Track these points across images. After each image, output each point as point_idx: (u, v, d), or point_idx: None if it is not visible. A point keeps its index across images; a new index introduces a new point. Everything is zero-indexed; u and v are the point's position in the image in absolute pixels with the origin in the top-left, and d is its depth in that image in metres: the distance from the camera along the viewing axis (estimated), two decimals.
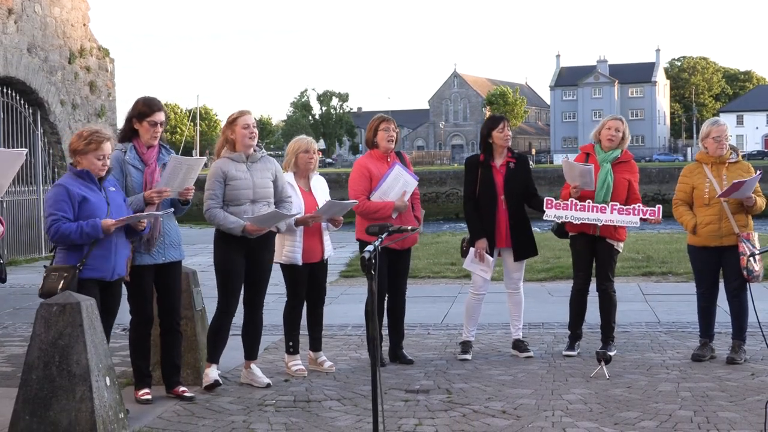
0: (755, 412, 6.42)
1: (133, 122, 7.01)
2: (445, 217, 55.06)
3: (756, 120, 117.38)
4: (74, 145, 6.48)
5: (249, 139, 7.36)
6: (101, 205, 6.44)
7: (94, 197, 6.42)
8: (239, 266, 7.36)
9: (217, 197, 7.27)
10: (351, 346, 9.14)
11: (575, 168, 8.24)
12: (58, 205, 6.33)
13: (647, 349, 8.73)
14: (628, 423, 6.31)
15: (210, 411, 6.82)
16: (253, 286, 7.51)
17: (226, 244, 7.34)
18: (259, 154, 7.50)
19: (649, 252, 16.17)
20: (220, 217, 7.25)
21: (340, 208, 7.80)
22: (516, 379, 7.62)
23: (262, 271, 7.52)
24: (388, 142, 8.20)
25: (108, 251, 6.46)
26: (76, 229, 6.28)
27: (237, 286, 7.41)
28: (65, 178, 6.52)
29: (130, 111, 7.04)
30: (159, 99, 7.14)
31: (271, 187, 7.49)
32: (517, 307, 8.62)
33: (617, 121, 8.51)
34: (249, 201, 7.33)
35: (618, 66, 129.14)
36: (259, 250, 7.43)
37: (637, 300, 11.69)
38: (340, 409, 6.81)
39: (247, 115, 7.42)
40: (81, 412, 5.51)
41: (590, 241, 8.40)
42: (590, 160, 8.43)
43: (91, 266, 6.40)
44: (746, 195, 7.87)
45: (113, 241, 6.47)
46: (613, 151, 8.40)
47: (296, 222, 7.74)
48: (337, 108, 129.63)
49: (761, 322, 6.55)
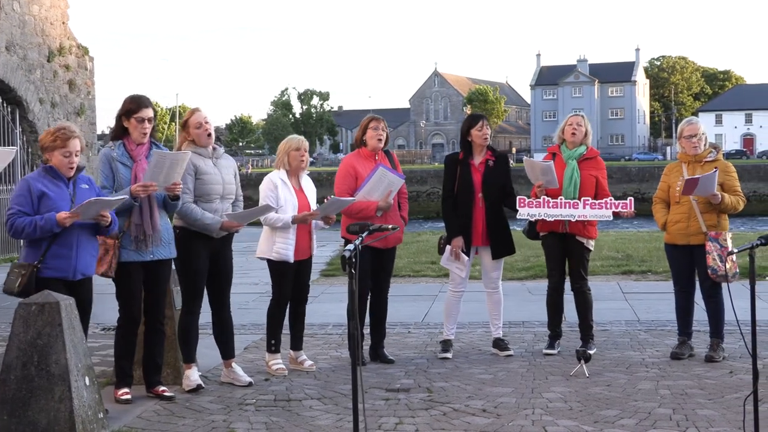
0: (734, 409, 6.46)
1: (122, 120, 7.00)
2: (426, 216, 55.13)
3: (734, 119, 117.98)
4: (43, 141, 6.46)
5: (205, 137, 7.35)
6: (63, 200, 6.35)
7: (56, 193, 6.34)
8: (203, 265, 7.33)
9: (191, 191, 7.22)
10: (332, 345, 9.14)
11: (536, 166, 8.30)
12: (18, 199, 6.30)
13: (627, 347, 8.77)
14: (607, 421, 6.33)
15: (190, 410, 6.80)
16: (218, 285, 7.49)
17: (189, 242, 7.28)
18: (221, 150, 7.50)
19: (629, 251, 16.25)
20: (197, 213, 7.19)
21: (339, 205, 7.83)
22: (496, 378, 7.64)
23: (226, 269, 7.52)
24: (377, 142, 8.23)
25: (68, 250, 6.36)
26: (30, 223, 6.20)
27: (202, 285, 7.38)
28: (33, 173, 6.50)
29: (119, 109, 7.04)
30: (147, 96, 7.13)
31: (234, 184, 7.50)
32: (496, 306, 8.64)
33: (578, 117, 8.63)
34: (219, 197, 7.32)
35: (598, 65, 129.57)
36: (221, 249, 7.43)
37: (616, 298, 11.74)
38: (320, 408, 6.80)
39: (198, 113, 7.39)
40: (60, 412, 5.49)
41: (561, 240, 8.44)
42: (557, 159, 8.49)
43: (51, 265, 6.32)
44: (709, 192, 7.90)
45: (74, 239, 6.37)
46: (578, 148, 8.46)
47: (294, 219, 7.75)
48: (317, 107, 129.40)
49: (739, 320, 6.58)
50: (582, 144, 8.50)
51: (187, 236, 7.28)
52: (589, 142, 8.58)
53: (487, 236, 8.43)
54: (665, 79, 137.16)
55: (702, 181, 7.79)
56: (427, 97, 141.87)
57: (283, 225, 7.74)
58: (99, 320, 7.25)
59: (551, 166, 8.21)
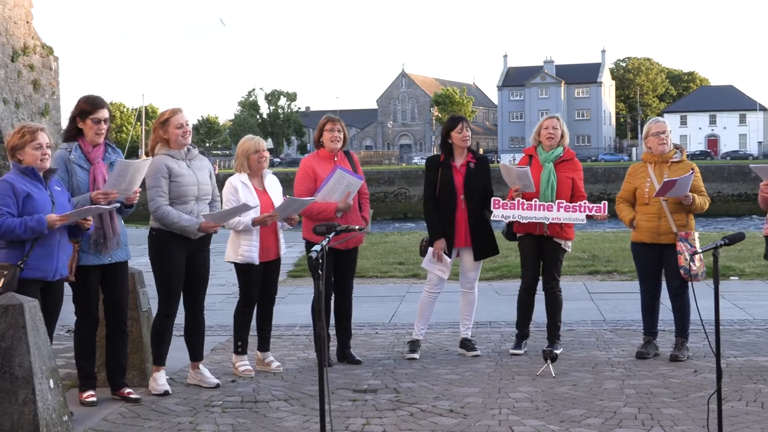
0: (698, 408, 6.52)
1: (76, 121, 6.92)
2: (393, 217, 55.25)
3: (699, 120, 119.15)
4: (11, 142, 6.41)
5: (183, 138, 7.28)
6: (46, 202, 6.35)
7: (38, 194, 6.33)
8: (180, 267, 7.29)
9: (165, 194, 7.16)
10: (299, 346, 9.12)
11: (513, 171, 8.33)
12: (3, 200, 6.24)
13: (593, 347, 8.83)
14: (573, 420, 6.37)
15: (156, 412, 6.75)
16: (193, 288, 7.45)
17: (165, 244, 7.24)
18: (195, 151, 7.45)
19: (595, 251, 16.35)
20: (173, 215, 7.14)
21: (298, 206, 7.81)
22: (463, 378, 7.66)
23: (203, 271, 7.48)
24: (333, 143, 8.20)
25: (51, 250, 6.37)
26: (20, 224, 6.18)
27: (178, 288, 7.34)
28: (10, 174, 6.43)
29: (73, 110, 6.96)
30: (102, 97, 7.06)
31: (209, 185, 7.45)
32: (469, 307, 8.67)
33: (553, 120, 8.63)
34: (194, 198, 7.27)
35: (564, 66, 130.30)
36: (198, 251, 7.39)
37: (582, 298, 11.81)
38: (287, 410, 6.79)
39: (180, 113, 7.33)
40: (24, 415, 5.44)
41: (537, 241, 8.48)
42: (533, 162, 8.52)
43: (33, 266, 6.30)
44: (683, 194, 7.97)
45: (56, 240, 6.38)
46: (555, 150, 8.49)
47: (254, 221, 7.72)
48: (285, 107, 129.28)
49: (703, 319, 6.64)
50: (559, 145, 8.53)
51: (163, 238, 7.23)
52: (566, 143, 8.60)
53: (469, 237, 8.45)
54: (631, 80, 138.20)
55: (679, 183, 7.85)
56: (395, 97, 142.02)
57: (244, 228, 7.71)
58: (64, 322, 7.19)
59: (527, 172, 8.23)
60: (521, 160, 8.78)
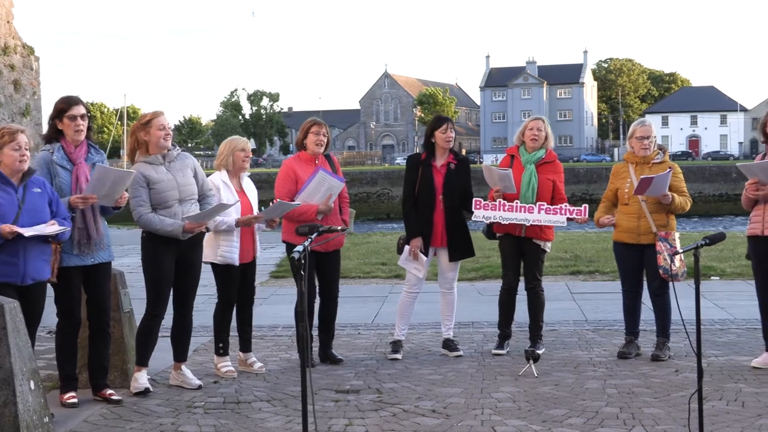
0: (679, 407, 6.55)
1: (55, 123, 6.89)
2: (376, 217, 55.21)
3: (680, 121, 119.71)
4: None
5: (164, 140, 7.25)
6: (8, 207, 6.27)
7: (3, 198, 6.25)
8: (169, 269, 7.28)
9: (146, 202, 7.14)
10: (281, 346, 9.11)
11: (494, 173, 8.35)
12: None
13: (575, 347, 8.85)
14: (555, 420, 6.38)
15: (138, 414, 6.73)
16: (183, 288, 7.43)
17: (155, 246, 7.24)
18: (175, 152, 7.41)
19: (577, 251, 16.40)
20: (155, 222, 7.12)
21: (285, 209, 7.80)
22: (446, 378, 7.66)
23: (193, 272, 7.45)
24: (317, 146, 8.20)
25: (14, 257, 6.26)
26: None
27: (167, 289, 7.33)
28: None
29: (51, 112, 6.93)
30: (79, 96, 7.03)
31: (194, 184, 7.42)
32: (449, 307, 8.68)
33: (538, 121, 8.64)
34: (177, 201, 7.24)
35: (547, 67, 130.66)
36: (189, 252, 7.36)
37: (564, 298, 11.84)
38: (269, 410, 6.78)
39: (161, 116, 7.30)
40: (4, 417, 5.41)
41: (517, 241, 8.50)
42: (515, 162, 8.54)
43: None
44: (661, 192, 7.99)
45: (20, 246, 6.27)
46: (537, 151, 8.51)
47: (238, 222, 7.71)
48: (267, 108, 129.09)
49: (684, 319, 6.66)
50: (542, 147, 8.54)
51: (153, 240, 7.22)
52: (550, 145, 8.62)
53: (445, 238, 8.45)
54: (612, 81, 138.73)
55: (655, 181, 7.87)
56: (377, 98, 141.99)
57: (227, 228, 7.70)
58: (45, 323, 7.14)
59: (509, 174, 8.25)
60: (503, 160, 8.79)
